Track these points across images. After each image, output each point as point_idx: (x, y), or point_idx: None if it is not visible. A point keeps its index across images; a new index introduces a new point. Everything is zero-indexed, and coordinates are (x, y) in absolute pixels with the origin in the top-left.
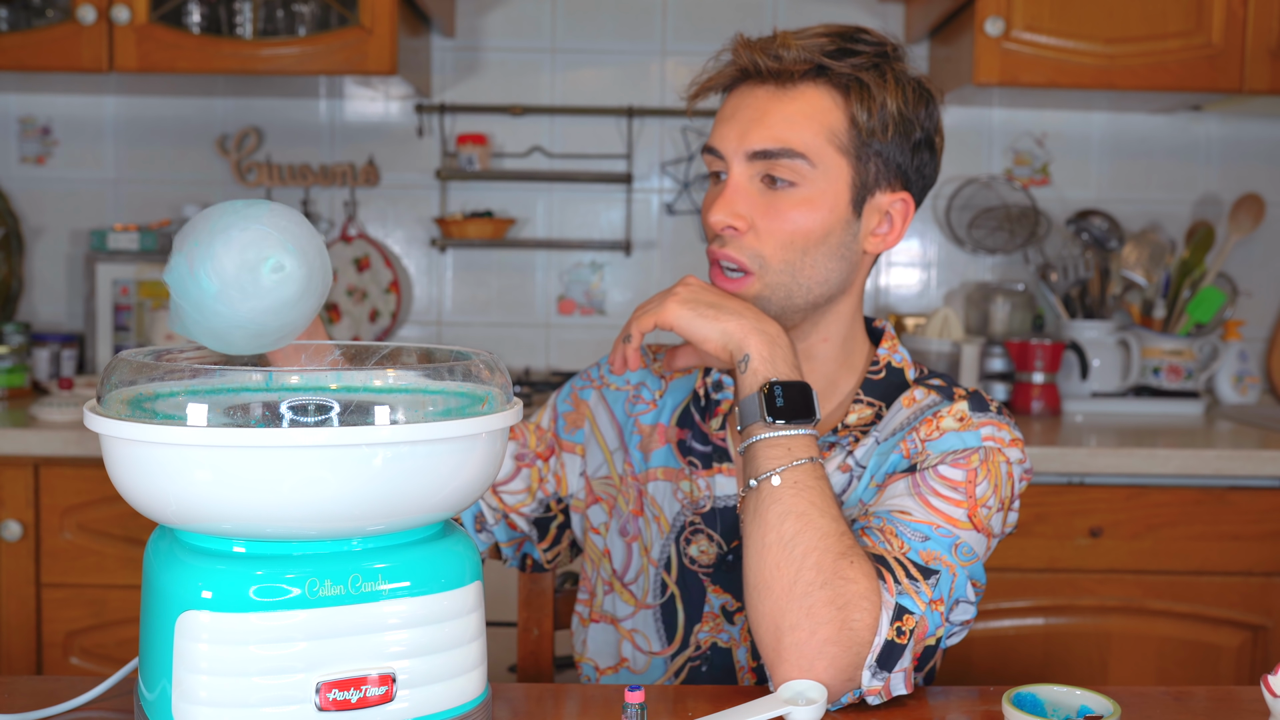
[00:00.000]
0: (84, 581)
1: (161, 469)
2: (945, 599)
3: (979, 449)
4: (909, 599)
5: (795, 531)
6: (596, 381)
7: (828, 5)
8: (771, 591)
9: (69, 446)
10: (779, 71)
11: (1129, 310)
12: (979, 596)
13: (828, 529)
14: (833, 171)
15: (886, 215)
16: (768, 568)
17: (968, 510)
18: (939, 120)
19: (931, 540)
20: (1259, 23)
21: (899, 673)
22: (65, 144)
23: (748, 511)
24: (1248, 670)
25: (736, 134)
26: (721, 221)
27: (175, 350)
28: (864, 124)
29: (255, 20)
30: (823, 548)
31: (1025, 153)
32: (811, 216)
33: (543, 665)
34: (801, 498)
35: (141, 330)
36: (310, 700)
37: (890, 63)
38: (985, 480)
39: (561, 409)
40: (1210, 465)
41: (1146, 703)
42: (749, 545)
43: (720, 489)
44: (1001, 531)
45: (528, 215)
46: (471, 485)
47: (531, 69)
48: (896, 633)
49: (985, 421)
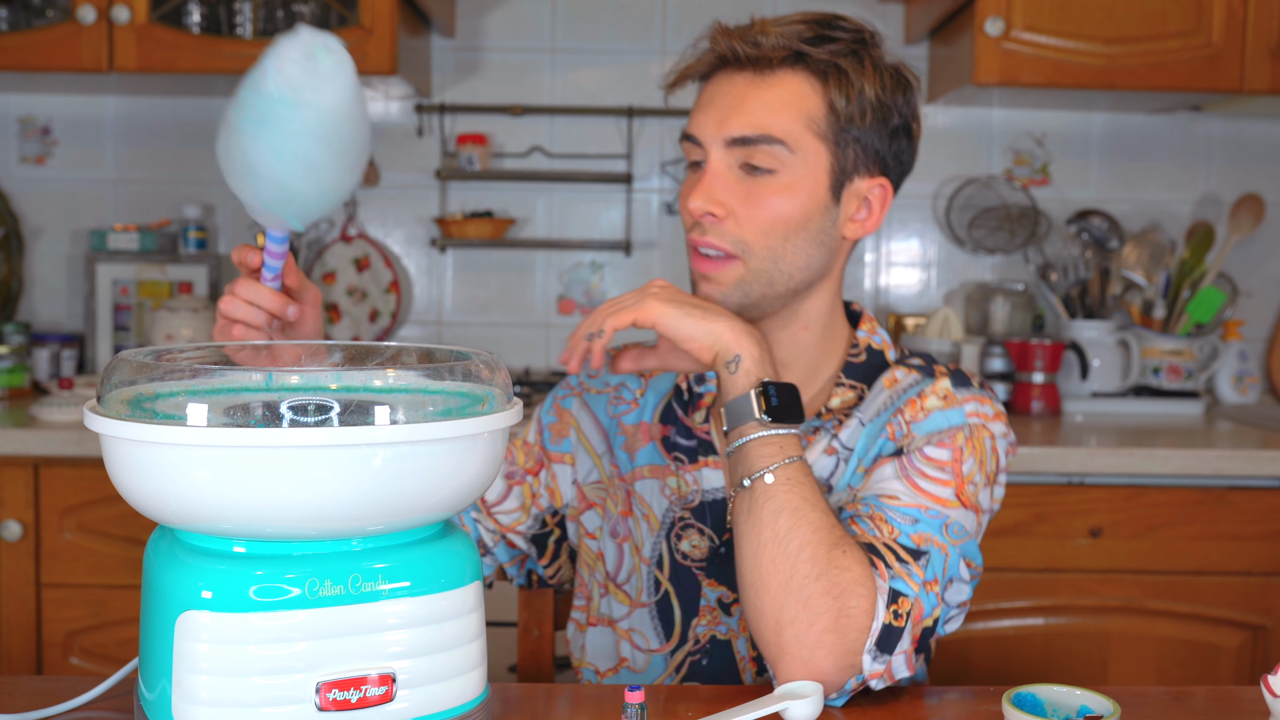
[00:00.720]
0: (84, 581)
1: (161, 469)
2: (939, 579)
3: (963, 426)
4: (902, 582)
5: (789, 527)
6: (576, 388)
7: (827, 5)
8: (769, 588)
9: (69, 446)
10: (757, 58)
11: (1129, 310)
12: (976, 578)
13: (819, 521)
14: (811, 158)
15: (865, 201)
16: (764, 564)
17: (955, 489)
18: (916, 107)
19: (921, 522)
20: (1259, 23)
21: (899, 655)
22: (65, 144)
23: (741, 511)
24: (1248, 670)
25: (715, 121)
26: (700, 208)
27: (175, 350)
28: (842, 110)
29: (255, 20)
30: (816, 540)
31: (1025, 153)
32: (791, 202)
33: (543, 665)
34: (794, 493)
35: (141, 330)
36: (310, 700)
37: (868, 49)
38: (971, 457)
39: (546, 421)
40: (1210, 465)
41: (1146, 703)
42: (743, 543)
43: (708, 482)
44: (990, 507)
45: (528, 215)
46: (471, 485)
47: (531, 69)
48: (893, 615)
49: (968, 398)
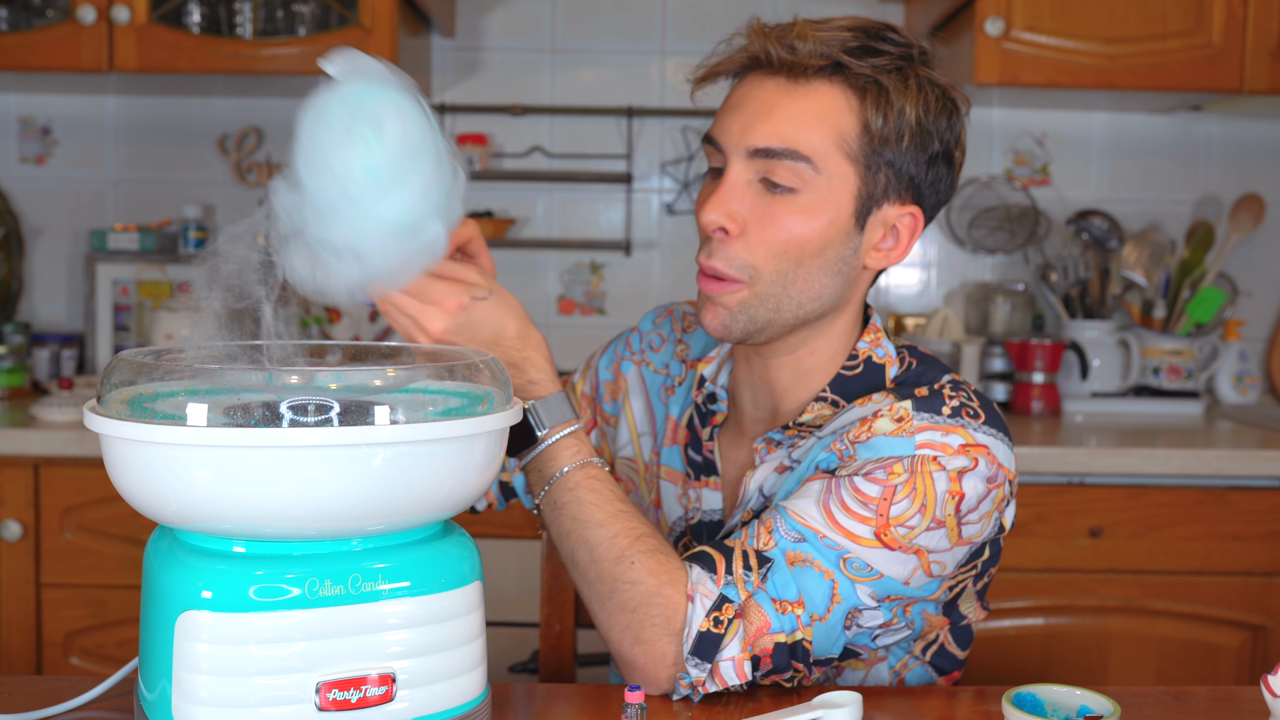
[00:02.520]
0: (84, 581)
1: (161, 469)
2: (809, 602)
3: (906, 459)
4: (733, 588)
5: (571, 551)
6: (638, 356)
7: (828, 5)
8: (588, 607)
9: (69, 446)
10: (792, 64)
11: (1129, 310)
12: (904, 605)
13: (595, 538)
14: (837, 179)
15: (893, 229)
16: (576, 587)
17: (875, 529)
18: (961, 132)
19: (807, 543)
20: (1259, 23)
21: (726, 661)
22: (65, 144)
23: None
24: (1248, 670)
25: (739, 127)
26: (714, 221)
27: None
28: (878, 130)
29: (255, 20)
30: (595, 558)
31: (1025, 153)
32: (809, 225)
33: (564, 661)
34: (561, 517)
35: (141, 330)
36: (310, 700)
37: (915, 66)
38: (907, 498)
39: (603, 376)
40: (1210, 465)
41: (1146, 703)
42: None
43: (707, 503)
44: (956, 544)
45: (528, 215)
46: (471, 485)
47: (531, 69)
48: (714, 622)
49: (925, 426)
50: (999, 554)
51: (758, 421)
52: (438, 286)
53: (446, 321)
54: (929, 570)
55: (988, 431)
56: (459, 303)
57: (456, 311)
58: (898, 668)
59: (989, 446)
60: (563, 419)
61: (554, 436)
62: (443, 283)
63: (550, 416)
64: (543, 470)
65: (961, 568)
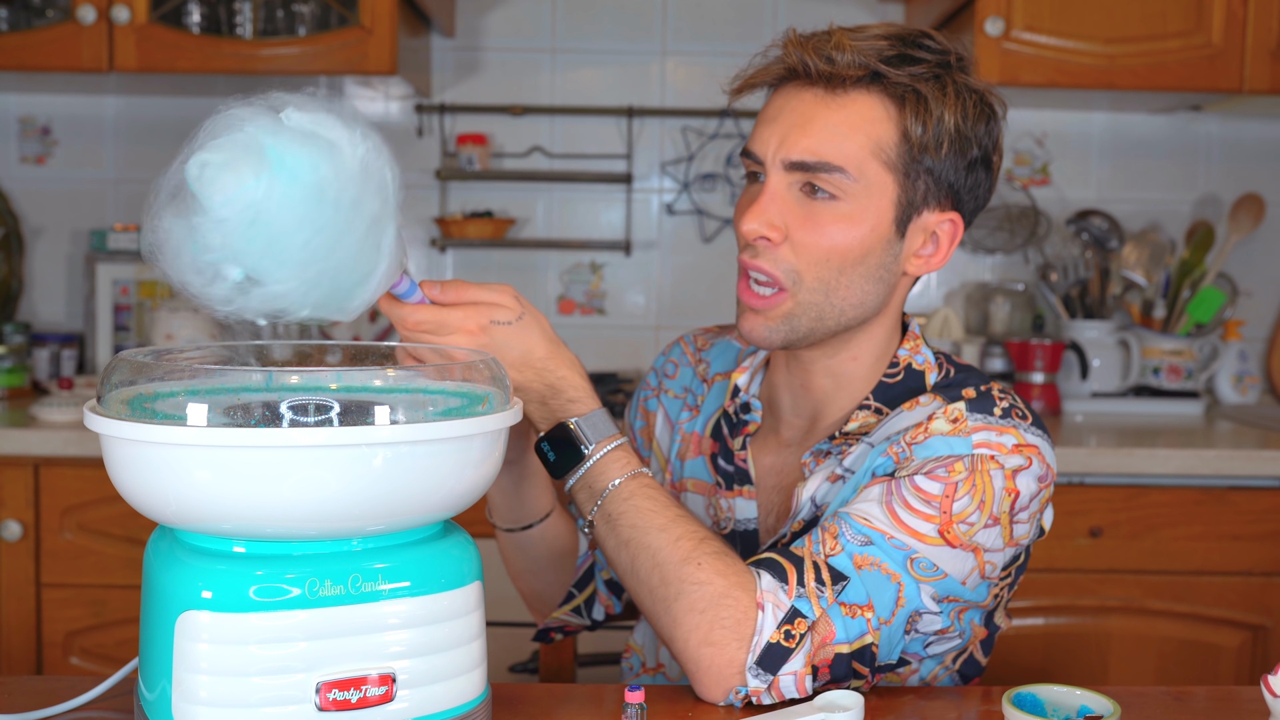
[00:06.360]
0: (84, 581)
1: (161, 469)
2: (876, 605)
3: (965, 457)
4: (807, 603)
5: (631, 560)
6: (655, 388)
7: (828, 5)
8: (649, 615)
9: (69, 446)
10: (830, 75)
11: (1129, 310)
12: (960, 610)
13: (657, 543)
14: (876, 188)
15: (933, 236)
16: (635, 595)
17: (939, 526)
18: (999, 137)
19: (875, 546)
20: (1259, 23)
21: (787, 675)
22: (65, 144)
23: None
24: (1248, 670)
25: (777, 139)
26: (755, 231)
27: (175, 350)
28: (917, 139)
29: (255, 20)
30: (658, 562)
31: (1025, 153)
32: (850, 233)
33: (564, 663)
34: (619, 527)
35: (141, 330)
36: (310, 700)
37: (952, 73)
38: (967, 495)
39: (637, 426)
40: (1210, 465)
41: (1146, 703)
42: (619, 579)
43: (740, 512)
44: (996, 545)
45: (528, 215)
46: (471, 485)
47: (531, 69)
48: (784, 635)
49: (980, 426)
50: (1029, 560)
51: (796, 428)
52: (454, 315)
53: (470, 346)
54: (983, 571)
55: (1035, 433)
56: (479, 325)
57: (478, 334)
58: (929, 679)
59: (1039, 447)
60: (607, 434)
61: (601, 451)
62: (460, 309)
63: (595, 432)
64: (593, 486)
65: (1004, 572)
